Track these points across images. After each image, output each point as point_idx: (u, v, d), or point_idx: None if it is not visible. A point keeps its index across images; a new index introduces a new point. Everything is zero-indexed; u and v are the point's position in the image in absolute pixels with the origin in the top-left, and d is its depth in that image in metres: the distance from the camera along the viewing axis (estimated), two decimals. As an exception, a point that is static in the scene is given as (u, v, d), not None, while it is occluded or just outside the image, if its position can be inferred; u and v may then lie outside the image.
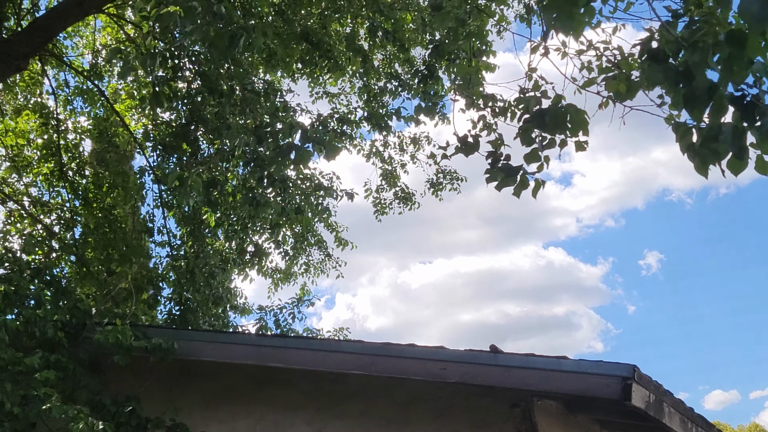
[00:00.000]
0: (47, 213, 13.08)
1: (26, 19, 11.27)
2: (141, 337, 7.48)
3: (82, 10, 10.36)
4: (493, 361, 5.85)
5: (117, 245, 12.30)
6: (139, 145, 12.59)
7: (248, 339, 8.42)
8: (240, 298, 12.34)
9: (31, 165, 13.59)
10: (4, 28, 10.53)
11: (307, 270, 14.00)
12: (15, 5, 10.71)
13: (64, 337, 7.64)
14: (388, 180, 13.89)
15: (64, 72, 13.52)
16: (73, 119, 13.75)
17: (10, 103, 13.75)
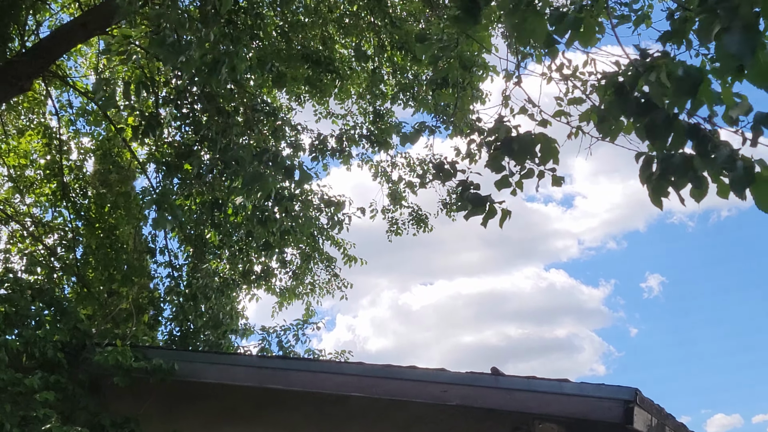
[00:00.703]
0: (49, 233, 13.08)
1: (30, 41, 11.33)
2: (141, 358, 7.45)
3: (86, 32, 10.43)
4: (494, 383, 5.82)
5: (119, 265, 12.28)
6: (142, 165, 12.61)
7: (249, 360, 8.39)
8: (241, 319, 12.31)
9: (33, 185, 13.61)
10: (8, 50, 10.59)
11: (312, 290, 13.94)
12: (19, 26, 10.77)
13: (63, 358, 7.62)
14: (395, 200, 13.89)
15: (67, 92, 13.58)
16: (76, 140, 13.78)
17: (13, 123, 13.78)
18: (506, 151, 4.57)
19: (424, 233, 14.03)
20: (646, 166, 3.71)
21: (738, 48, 3.07)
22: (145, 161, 12.51)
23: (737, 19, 3.10)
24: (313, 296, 13.94)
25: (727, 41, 3.10)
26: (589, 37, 4.00)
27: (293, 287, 13.63)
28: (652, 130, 3.58)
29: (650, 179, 3.69)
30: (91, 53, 14.35)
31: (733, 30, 3.10)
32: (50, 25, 12.87)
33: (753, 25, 3.06)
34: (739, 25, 3.08)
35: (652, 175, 3.67)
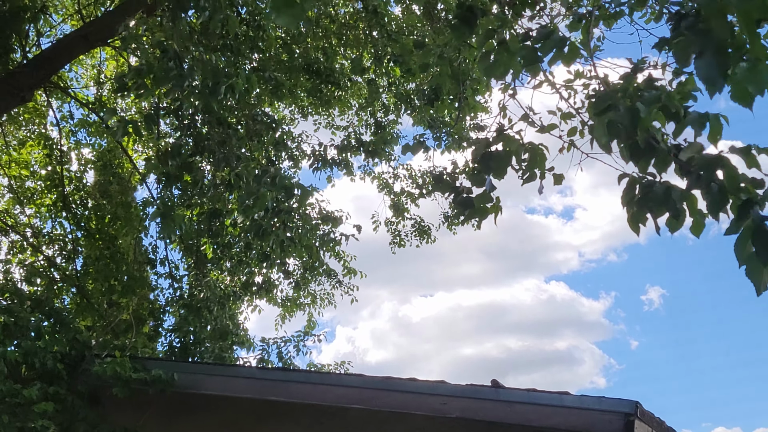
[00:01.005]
0: (49, 244, 13.07)
1: (32, 52, 11.36)
2: (140, 369, 7.44)
3: (88, 44, 10.47)
4: (494, 396, 5.80)
5: (119, 276, 12.28)
6: (142, 176, 12.62)
7: (249, 372, 8.36)
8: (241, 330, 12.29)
9: (33, 196, 13.62)
10: (9, 60, 10.62)
11: (313, 301, 13.91)
12: (21, 37, 10.80)
13: (63, 369, 7.61)
14: (397, 212, 13.90)
15: (68, 104, 13.60)
16: (77, 151, 13.80)
17: (13, 134, 13.81)
18: (484, 168, 4.62)
19: (426, 245, 14.06)
20: (629, 189, 3.73)
21: (708, 73, 3.10)
22: (146, 172, 12.52)
23: (709, 43, 3.12)
24: (314, 307, 13.92)
25: (699, 66, 3.14)
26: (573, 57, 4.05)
27: (295, 297, 13.62)
28: (635, 152, 3.62)
29: (631, 203, 3.70)
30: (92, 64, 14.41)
31: (706, 55, 3.13)
32: (51, 35, 12.93)
33: (724, 49, 3.09)
34: (711, 49, 3.11)
35: (633, 198, 3.69)
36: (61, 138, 13.27)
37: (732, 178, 3.26)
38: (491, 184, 4.74)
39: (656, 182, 3.62)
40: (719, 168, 3.30)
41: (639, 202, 3.65)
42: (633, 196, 3.70)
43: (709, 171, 3.32)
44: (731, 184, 3.26)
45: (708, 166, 3.32)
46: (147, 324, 11.68)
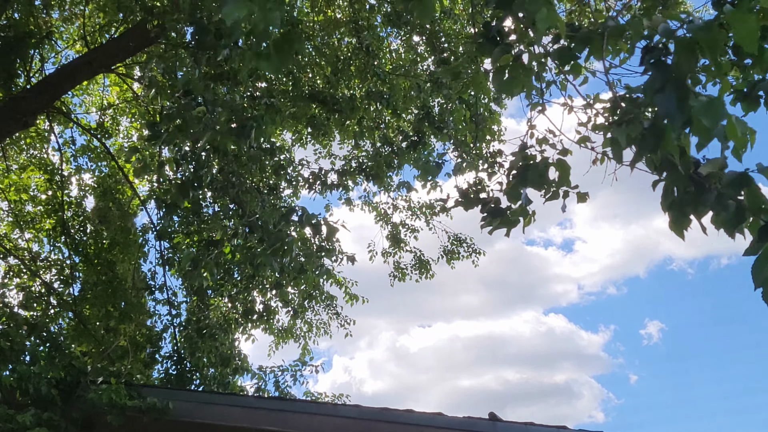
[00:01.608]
0: (47, 269, 13.05)
1: (35, 77, 11.43)
2: (135, 397, 7.38)
3: (92, 69, 10.54)
4: (491, 429, 5.76)
5: (116, 302, 12.24)
6: (143, 202, 12.64)
7: (244, 401, 8.29)
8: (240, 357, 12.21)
9: (33, 221, 13.62)
10: (13, 85, 10.68)
11: (309, 330, 13.83)
12: (25, 63, 10.88)
13: (57, 395, 7.55)
14: (395, 243, 13.90)
15: (70, 129, 13.66)
16: (78, 176, 13.83)
17: (14, 158, 13.85)
18: (521, 181, 4.63)
19: (426, 279, 14.04)
20: (666, 194, 3.68)
21: (667, 107, 3.11)
22: (146, 198, 12.54)
23: (669, 77, 3.13)
24: (309, 336, 13.85)
25: (659, 102, 3.15)
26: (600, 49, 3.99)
27: (291, 326, 13.56)
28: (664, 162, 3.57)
29: (672, 206, 3.65)
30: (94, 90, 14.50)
31: (666, 90, 3.14)
32: (56, 62, 13.01)
33: (683, 84, 3.10)
34: (671, 84, 3.12)
35: (675, 200, 3.64)
36: (62, 163, 13.31)
37: (755, 198, 3.22)
38: (527, 197, 4.75)
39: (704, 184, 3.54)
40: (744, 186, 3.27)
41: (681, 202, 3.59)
42: (672, 200, 3.66)
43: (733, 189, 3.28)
44: (754, 203, 3.23)
45: (732, 185, 3.29)
46: (144, 351, 11.61)
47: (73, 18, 12.55)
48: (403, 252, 14.02)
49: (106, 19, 11.78)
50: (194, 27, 6.91)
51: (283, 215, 8.37)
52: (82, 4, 11.77)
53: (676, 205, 3.61)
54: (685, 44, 3.12)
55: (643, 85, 3.31)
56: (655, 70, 3.24)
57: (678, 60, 3.13)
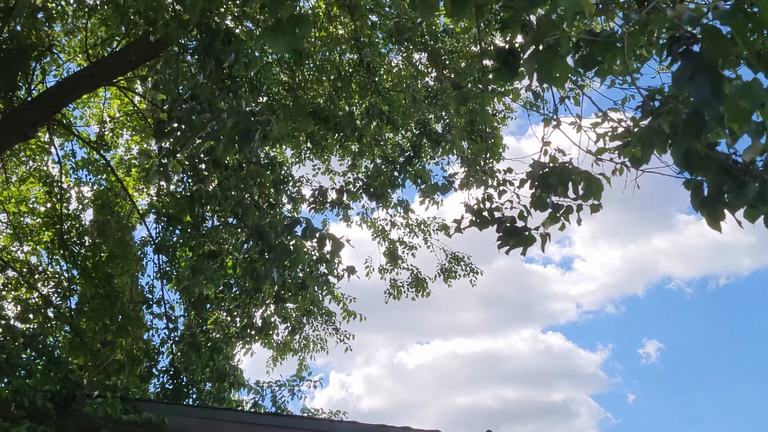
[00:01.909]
0: (45, 281, 13.01)
1: (37, 89, 11.45)
2: (131, 411, 7.35)
3: (93, 83, 10.55)
4: (489, 447, 5.72)
5: (114, 316, 12.19)
6: (141, 216, 12.62)
7: (240, 416, 8.26)
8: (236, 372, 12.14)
9: (32, 233, 13.60)
10: (14, 97, 10.70)
11: (306, 345, 13.78)
12: (26, 75, 10.90)
13: (53, 408, 7.50)
14: (392, 260, 13.87)
15: (71, 142, 13.66)
16: (77, 188, 13.82)
17: (13, 170, 13.85)
18: (544, 187, 4.60)
19: (422, 297, 14.00)
20: (696, 192, 3.67)
21: (701, 94, 3.05)
22: (145, 212, 12.53)
23: (700, 64, 3.08)
24: (307, 352, 13.79)
25: (693, 90, 3.09)
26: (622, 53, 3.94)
27: (289, 341, 13.51)
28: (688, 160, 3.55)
29: (704, 204, 3.63)
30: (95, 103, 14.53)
31: (698, 77, 3.08)
32: (57, 75, 13.04)
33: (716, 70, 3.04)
34: (703, 71, 3.07)
35: (705, 199, 3.62)
36: (62, 175, 13.30)
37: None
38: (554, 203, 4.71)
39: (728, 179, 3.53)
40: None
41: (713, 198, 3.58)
42: (703, 198, 3.65)
43: None
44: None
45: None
46: (141, 365, 11.55)
47: (76, 31, 12.59)
48: (400, 269, 13.99)
49: (109, 32, 11.83)
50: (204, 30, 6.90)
51: (287, 226, 8.33)
52: (84, 17, 11.80)
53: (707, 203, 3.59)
54: (710, 30, 3.06)
55: (673, 76, 3.25)
56: (684, 59, 3.18)
57: (706, 47, 3.07)
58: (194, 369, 10.63)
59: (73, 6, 11.81)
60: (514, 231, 4.85)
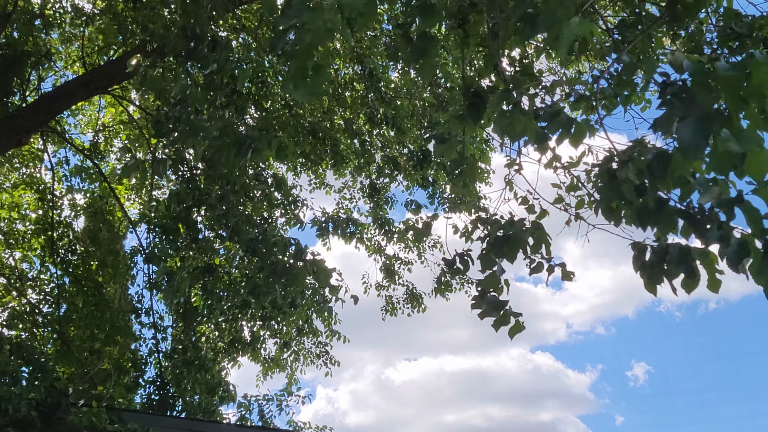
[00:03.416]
0: (34, 288, 12.95)
1: (32, 96, 11.44)
2: (116, 421, 7.31)
3: (88, 91, 10.56)
4: (475, 466, 5.70)
5: (102, 324, 12.13)
6: (133, 225, 12.59)
7: (225, 429, 8.23)
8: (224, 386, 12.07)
9: (23, 239, 13.54)
10: (9, 103, 10.69)
11: (296, 359, 13.69)
12: (21, 81, 10.89)
13: (37, 417, 7.45)
14: (389, 275, 13.82)
15: (64, 149, 13.65)
16: (70, 196, 13.78)
17: (5, 176, 13.81)
18: (497, 252, 4.66)
19: (418, 313, 13.96)
20: (639, 255, 3.75)
21: (692, 139, 3.09)
22: (137, 221, 12.50)
23: (694, 109, 3.13)
24: (296, 365, 13.71)
25: (681, 131, 3.13)
26: (579, 137, 4.08)
27: (277, 356, 13.44)
28: (643, 214, 3.63)
29: (644, 267, 3.72)
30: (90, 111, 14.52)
31: (689, 120, 3.12)
32: (55, 83, 13.03)
33: (708, 115, 3.09)
34: (695, 115, 3.11)
35: (646, 263, 3.69)
36: (54, 182, 13.27)
37: (755, 221, 3.25)
38: (501, 267, 4.76)
39: (669, 245, 3.62)
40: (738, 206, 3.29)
41: (654, 266, 3.65)
42: (644, 261, 3.72)
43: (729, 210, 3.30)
44: (755, 227, 3.25)
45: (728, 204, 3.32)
46: (128, 375, 11.48)
47: (73, 39, 12.60)
48: (396, 285, 13.95)
49: (106, 41, 11.84)
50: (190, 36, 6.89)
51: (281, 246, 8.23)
52: (81, 25, 11.82)
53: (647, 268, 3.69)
54: (704, 83, 3.13)
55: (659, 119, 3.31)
56: (677, 101, 3.23)
57: (697, 96, 3.14)
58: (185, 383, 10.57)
59: (71, 14, 11.82)
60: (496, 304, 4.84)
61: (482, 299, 4.85)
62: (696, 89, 3.14)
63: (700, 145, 3.07)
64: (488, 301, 4.85)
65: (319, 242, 12.02)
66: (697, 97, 3.12)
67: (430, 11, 4.18)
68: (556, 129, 4.05)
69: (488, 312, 4.83)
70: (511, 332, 4.86)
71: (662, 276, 3.67)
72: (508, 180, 5.98)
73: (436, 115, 11.24)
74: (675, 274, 3.62)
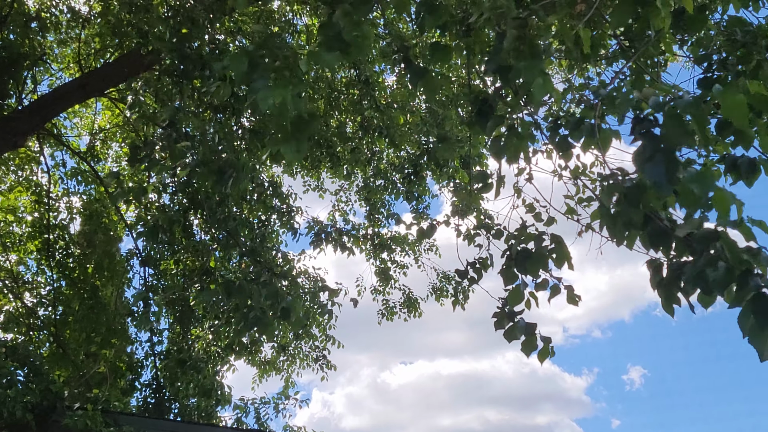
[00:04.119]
0: (30, 291, 12.93)
1: (28, 98, 11.43)
2: (111, 424, 7.31)
3: (84, 93, 10.54)
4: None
5: (98, 327, 12.11)
6: (129, 228, 12.57)
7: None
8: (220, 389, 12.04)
9: (19, 242, 13.52)
10: (5, 106, 10.67)
11: (292, 363, 13.67)
12: (18, 84, 10.88)
13: (32, 419, 7.45)
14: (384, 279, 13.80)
15: (61, 152, 13.63)
16: (67, 198, 13.77)
17: (1, 179, 13.79)
18: (519, 267, 4.66)
19: (414, 318, 13.95)
20: (655, 272, 3.75)
21: (658, 177, 3.18)
22: (132, 224, 12.48)
23: (659, 147, 3.22)
24: (293, 369, 13.69)
25: (648, 170, 3.22)
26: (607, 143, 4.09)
27: (274, 359, 13.43)
28: (654, 238, 3.65)
29: (661, 285, 3.72)
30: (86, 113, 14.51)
31: (656, 158, 3.21)
32: (50, 85, 13.02)
33: (673, 155, 3.17)
34: (662, 153, 3.20)
35: (663, 281, 3.70)
36: (50, 185, 13.25)
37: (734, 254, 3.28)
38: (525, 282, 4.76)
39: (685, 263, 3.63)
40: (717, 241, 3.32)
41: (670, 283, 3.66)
42: (661, 279, 3.72)
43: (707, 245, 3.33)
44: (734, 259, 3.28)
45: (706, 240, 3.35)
46: (125, 378, 11.46)
47: (69, 41, 12.59)
48: (392, 289, 13.93)
49: (102, 44, 11.83)
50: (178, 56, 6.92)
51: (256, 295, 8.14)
52: (78, 28, 11.81)
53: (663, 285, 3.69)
54: (674, 117, 3.20)
55: (633, 154, 3.38)
56: (645, 139, 3.30)
57: (667, 132, 3.21)
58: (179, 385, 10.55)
59: (67, 17, 11.81)
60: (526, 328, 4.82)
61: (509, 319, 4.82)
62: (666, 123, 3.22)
63: (665, 185, 3.17)
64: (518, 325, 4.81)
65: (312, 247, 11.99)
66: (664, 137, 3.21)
67: (436, 9, 4.27)
68: (580, 136, 4.06)
69: (515, 334, 4.79)
70: (541, 357, 4.81)
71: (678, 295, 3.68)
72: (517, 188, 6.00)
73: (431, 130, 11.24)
74: (691, 291, 3.62)
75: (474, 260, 5.90)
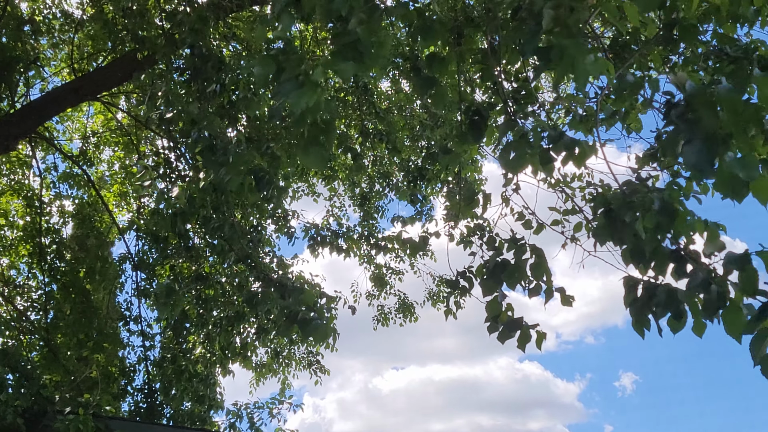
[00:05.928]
0: (22, 295, 12.87)
1: (20, 102, 11.39)
2: (103, 429, 7.27)
3: (78, 97, 10.51)
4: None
5: (90, 332, 12.06)
6: (121, 231, 12.53)
7: (214, 437, 8.18)
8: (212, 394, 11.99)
9: (11, 246, 13.46)
10: (-3, 109, 10.65)
11: (288, 365, 13.61)
12: (10, 87, 10.85)
13: (23, 424, 7.41)
14: (379, 284, 13.78)
15: (53, 155, 13.59)
16: (58, 202, 13.72)
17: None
18: (496, 280, 4.67)
19: (410, 323, 13.94)
20: (630, 291, 3.77)
21: (697, 160, 3.10)
22: (125, 228, 12.45)
23: (699, 131, 3.14)
24: (288, 371, 13.64)
25: (687, 153, 3.14)
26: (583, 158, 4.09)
27: (269, 362, 13.38)
28: (636, 255, 3.66)
29: (633, 305, 3.73)
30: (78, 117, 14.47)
31: (694, 142, 3.13)
32: (43, 88, 12.97)
33: (713, 137, 3.09)
34: (700, 137, 3.12)
35: (636, 301, 3.71)
36: (42, 189, 13.20)
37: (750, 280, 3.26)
38: (503, 293, 4.78)
39: (658, 285, 3.64)
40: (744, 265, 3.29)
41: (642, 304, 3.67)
42: (635, 298, 3.73)
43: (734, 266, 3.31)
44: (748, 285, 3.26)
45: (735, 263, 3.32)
46: (117, 382, 11.40)
47: (62, 45, 12.56)
48: (387, 294, 13.91)
49: (95, 47, 11.80)
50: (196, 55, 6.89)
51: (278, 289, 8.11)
52: (71, 31, 11.79)
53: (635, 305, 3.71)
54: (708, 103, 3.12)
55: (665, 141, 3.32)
56: (682, 123, 3.22)
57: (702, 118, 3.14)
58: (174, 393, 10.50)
59: (60, 20, 11.79)
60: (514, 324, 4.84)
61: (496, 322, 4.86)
62: (700, 110, 3.13)
63: (705, 167, 3.09)
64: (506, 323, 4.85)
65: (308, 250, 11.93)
66: (701, 119, 3.12)
67: (429, 31, 4.26)
68: (561, 151, 4.07)
69: (506, 335, 4.83)
70: (538, 343, 4.85)
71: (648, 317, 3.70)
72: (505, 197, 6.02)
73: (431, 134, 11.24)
74: (661, 314, 3.64)
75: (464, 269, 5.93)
